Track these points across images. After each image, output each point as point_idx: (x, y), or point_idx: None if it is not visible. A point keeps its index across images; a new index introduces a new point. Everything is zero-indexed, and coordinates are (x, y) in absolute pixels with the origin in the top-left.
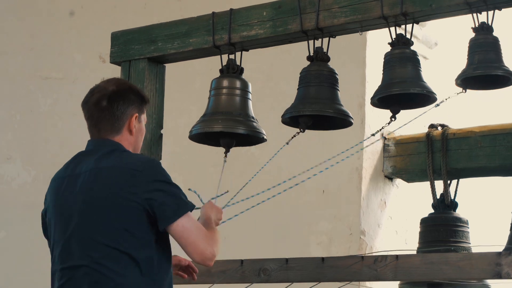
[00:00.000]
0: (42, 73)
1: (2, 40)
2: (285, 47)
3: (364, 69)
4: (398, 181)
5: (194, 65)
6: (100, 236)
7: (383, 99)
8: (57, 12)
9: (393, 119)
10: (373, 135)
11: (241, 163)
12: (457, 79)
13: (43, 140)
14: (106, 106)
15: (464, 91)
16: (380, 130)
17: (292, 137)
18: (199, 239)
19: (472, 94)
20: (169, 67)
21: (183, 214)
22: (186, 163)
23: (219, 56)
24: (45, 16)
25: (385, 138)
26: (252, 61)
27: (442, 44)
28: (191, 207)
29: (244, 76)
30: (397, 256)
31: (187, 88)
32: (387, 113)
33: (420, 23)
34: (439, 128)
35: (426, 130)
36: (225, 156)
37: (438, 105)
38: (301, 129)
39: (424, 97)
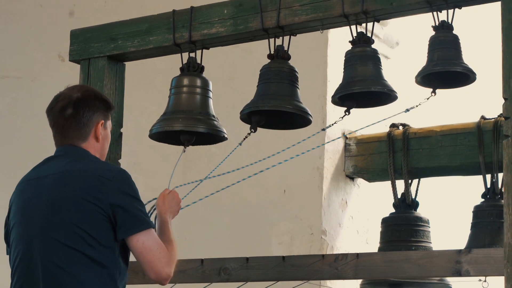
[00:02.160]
0: (0, 72)
1: None
2: (247, 46)
3: (326, 68)
4: (359, 181)
5: (155, 64)
6: (63, 238)
7: (344, 97)
8: (15, 11)
9: (347, 113)
10: (323, 129)
11: (202, 162)
12: (417, 76)
13: (1, 139)
14: (71, 113)
15: (433, 93)
16: (333, 124)
17: (244, 138)
18: (157, 260)
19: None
20: (131, 66)
21: (143, 229)
22: (147, 162)
23: (181, 55)
24: (3, 15)
25: (346, 137)
26: (214, 60)
27: (404, 43)
28: (152, 225)
29: (205, 74)
30: (357, 254)
31: (149, 87)
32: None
33: (381, 22)
34: (400, 127)
35: (387, 129)
36: (184, 151)
37: (408, 110)
38: (252, 129)
39: (385, 96)
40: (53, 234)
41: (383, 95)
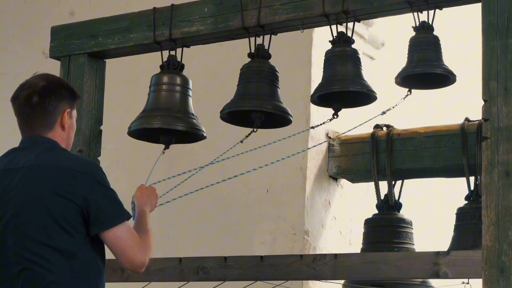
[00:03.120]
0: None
1: None
2: (231, 45)
3: (310, 68)
4: (343, 181)
5: (140, 61)
6: (36, 233)
7: (323, 97)
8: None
9: (335, 116)
10: (312, 127)
11: (185, 160)
12: (397, 78)
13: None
14: (37, 101)
15: (409, 92)
16: (320, 124)
17: (246, 137)
18: (129, 248)
19: (418, 94)
20: (115, 63)
21: (116, 224)
22: (130, 159)
23: (161, 52)
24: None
25: (330, 138)
26: (197, 58)
27: (389, 44)
28: (127, 216)
29: (188, 73)
30: (335, 255)
31: (133, 84)
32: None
33: (366, 23)
34: (384, 128)
35: (371, 130)
36: (163, 152)
37: (384, 112)
38: (254, 129)
39: (364, 96)
40: (26, 231)
41: (362, 95)
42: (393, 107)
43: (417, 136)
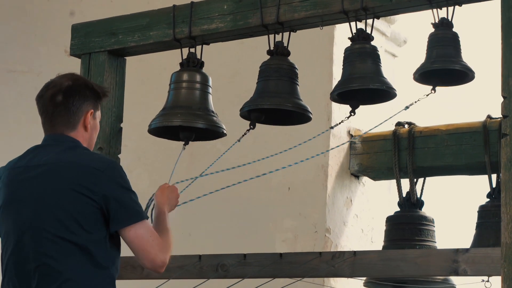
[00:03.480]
0: (6, 66)
1: None
2: (252, 43)
3: (332, 66)
4: (365, 179)
5: (161, 59)
6: (54, 229)
7: (343, 94)
8: (21, 5)
9: (352, 114)
10: (332, 127)
11: (207, 158)
12: (415, 74)
13: (7, 131)
14: (61, 101)
15: (433, 91)
16: (339, 123)
17: (243, 135)
18: (150, 247)
19: (439, 91)
20: (136, 61)
21: (136, 221)
22: (151, 157)
23: (181, 50)
24: (8, 9)
25: (351, 136)
26: (219, 56)
27: (412, 42)
28: (145, 216)
29: (210, 71)
30: (354, 252)
31: (154, 82)
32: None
33: (388, 20)
34: (406, 126)
35: (392, 128)
36: (183, 148)
37: (407, 107)
38: (251, 126)
39: (384, 93)
40: (44, 226)
41: (382, 92)
42: (415, 102)
43: (439, 133)
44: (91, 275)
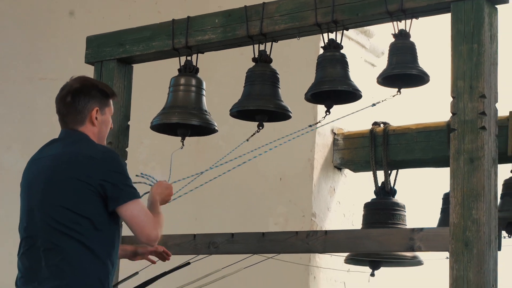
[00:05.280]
0: (39, 75)
1: (4, 45)
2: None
3: None
4: (346, 171)
5: (172, 66)
6: (57, 213)
7: (315, 95)
8: (53, 22)
9: (327, 113)
10: (310, 126)
11: (210, 153)
12: (378, 78)
13: (38, 132)
14: (69, 101)
15: (399, 92)
16: (317, 123)
17: (253, 134)
18: (145, 223)
19: (409, 95)
20: (153, 68)
21: (131, 199)
22: (163, 152)
23: (179, 58)
24: (42, 25)
25: (334, 134)
26: (223, 66)
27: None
28: (138, 195)
29: (214, 79)
30: (326, 231)
31: (167, 86)
32: (338, 111)
33: (367, 34)
34: (381, 125)
35: (370, 126)
36: (182, 144)
37: (374, 104)
38: (260, 127)
39: (351, 94)
40: (49, 211)
41: (349, 94)
42: (382, 101)
43: (410, 131)
44: (91, 253)
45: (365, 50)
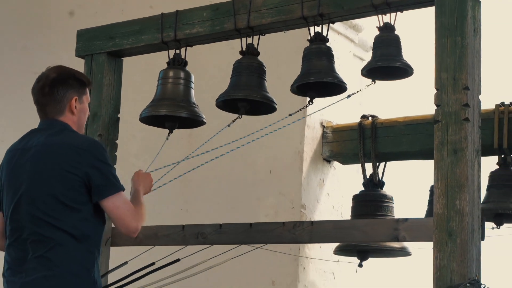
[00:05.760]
0: (33, 69)
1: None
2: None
3: None
4: (335, 163)
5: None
6: (44, 203)
7: (301, 87)
8: (47, 18)
9: (310, 103)
10: (290, 115)
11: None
12: (362, 70)
13: (32, 125)
14: (48, 91)
15: (373, 82)
16: (298, 111)
17: (233, 121)
18: (126, 216)
19: (398, 89)
20: (145, 61)
21: (114, 193)
22: (155, 145)
23: (167, 51)
24: (37, 19)
25: (324, 126)
26: (213, 60)
27: None
28: (122, 188)
29: (205, 73)
30: (312, 222)
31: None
32: (325, 103)
33: (356, 29)
34: (370, 118)
35: (358, 120)
36: (168, 136)
37: (349, 96)
38: (239, 116)
39: (336, 86)
40: (35, 201)
41: (334, 86)
42: (358, 92)
43: (397, 124)
44: (77, 242)
45: (354, 44)
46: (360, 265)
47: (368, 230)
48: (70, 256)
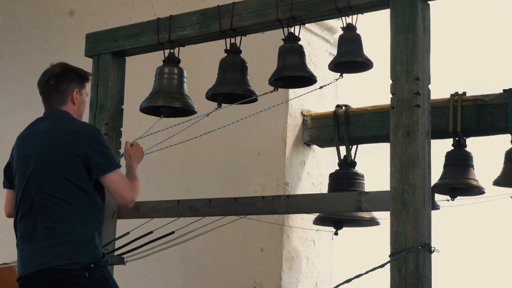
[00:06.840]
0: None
1: (22, 42)
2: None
3: None
4: (314, 147)
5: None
6: (51, 180)
7: (277, 80)
8: (66, 24)
9: (276, 89)
10: (265, 93)
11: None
12: (329, 65)
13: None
14: (53, 84)
15: (341, 76)
16: (271, 91)
17: (213, 111)
18: (122, 189)
19: (366, 80)
20: (150, 59)
21: (111, 170)
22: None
23: (163, 51)
24: (57, 26)
25: (304, 115)
26: (207, 58)
27: None
28: (118, 165)
29: (200, 70)
30: (288, 196)
31: None
32: (306, 94)
33: (331, 30)
34: (343, 107)
35: (333, 109)
36: (161, 117)
37: (321, 87)
38: (219, 106)
39: (307, 79)
40: (43, 179)
41: (305, 79)
42: (328, 84)
43: (367, 112)
44: (78, 216)
45: (330, 44)
46: (336, 233)
47: (335, 202)
48: (75, 226)
